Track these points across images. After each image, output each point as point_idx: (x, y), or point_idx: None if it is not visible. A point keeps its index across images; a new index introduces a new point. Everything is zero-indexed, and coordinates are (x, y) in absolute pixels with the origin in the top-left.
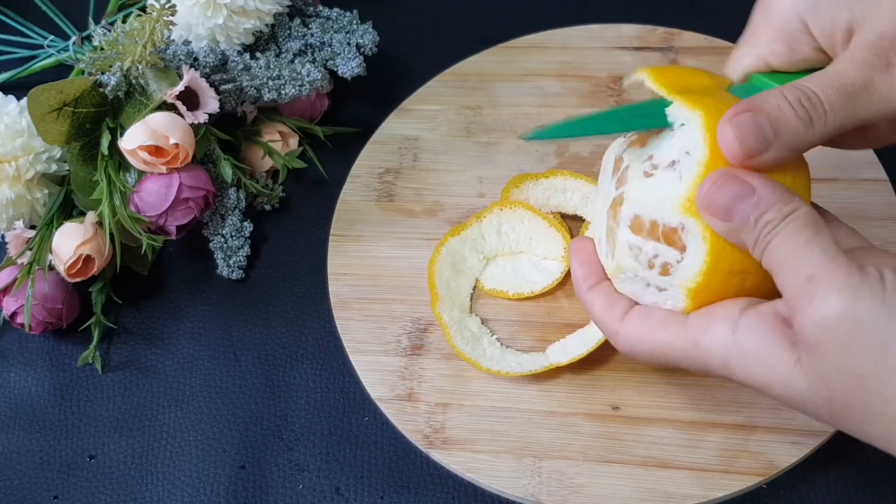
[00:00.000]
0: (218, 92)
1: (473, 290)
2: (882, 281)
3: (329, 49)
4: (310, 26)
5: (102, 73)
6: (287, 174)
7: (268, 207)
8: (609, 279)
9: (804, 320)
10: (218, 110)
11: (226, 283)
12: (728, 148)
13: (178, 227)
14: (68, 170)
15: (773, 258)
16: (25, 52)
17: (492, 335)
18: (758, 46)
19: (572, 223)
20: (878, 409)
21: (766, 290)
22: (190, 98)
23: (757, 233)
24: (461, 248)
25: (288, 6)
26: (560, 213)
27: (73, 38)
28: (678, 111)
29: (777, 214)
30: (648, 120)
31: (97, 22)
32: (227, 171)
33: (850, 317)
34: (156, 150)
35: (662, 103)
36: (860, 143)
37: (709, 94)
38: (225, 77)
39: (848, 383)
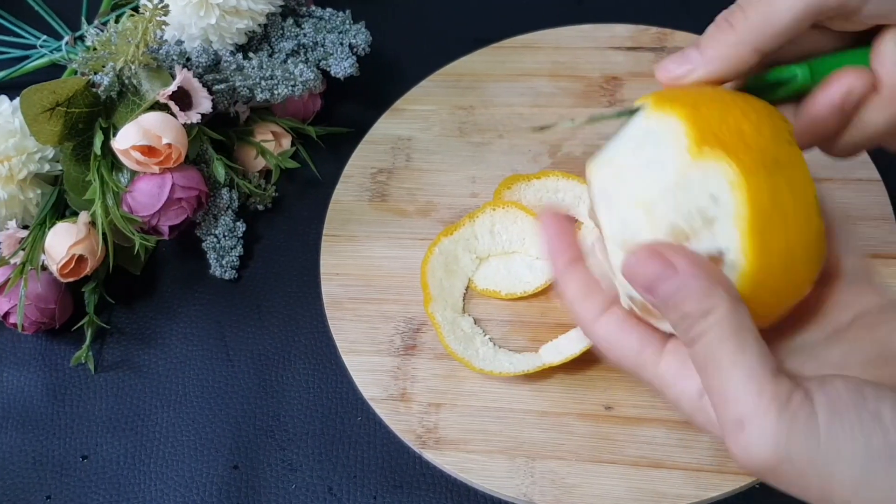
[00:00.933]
0: (211, 92)
1: (466, 290)
2: (814, 415)
3: (322, 49)
4: (302, 26)
5: (95, 73)
6: (280, 174)
7: (261, 207)
8: (584, 260)
9: (740, 461)
10: (211, 110)
11: (219, 283)
12: (661, 75)
13: (171, 227)
14: (61, 170)
15: (698, 363)
16: (18, 52)
17: (484, 335)
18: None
19: None
20: None
21: (776, 317)
22: (183, 98)
23: (679, 323)
24: (454, 248)
25: (281, 6)
26: None
27: (66, 38)
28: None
29: (696, 308)
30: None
31: (90, 22)
32: (220, 171)
33: (783, 459)
34: (148, 150)
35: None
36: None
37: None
38: (218, 77)
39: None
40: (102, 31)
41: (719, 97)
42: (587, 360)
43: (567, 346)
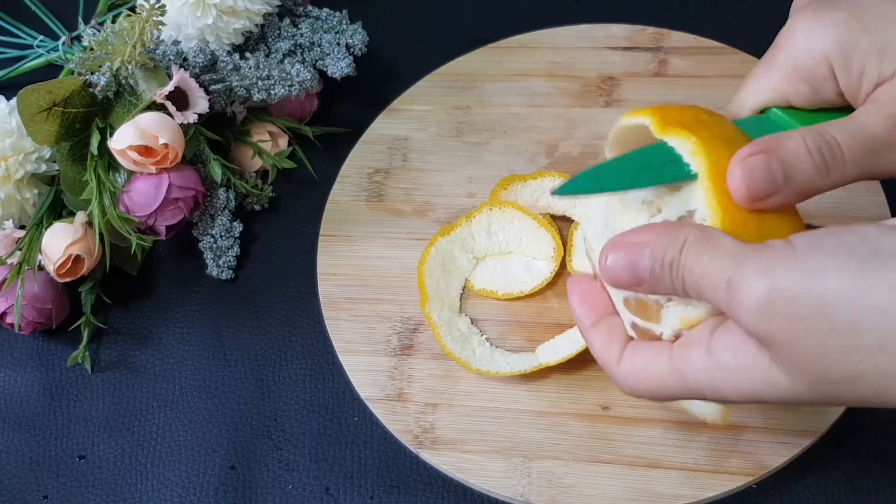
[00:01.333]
0: (207, 92)
1: (463, 290)
2: (791, 246)
3: (318, 49)
4: (299, 26)
5: (92, 73)
6: (277, 174)
7: (257, 207)
8: (608, 315)
9: (746, 322)
10: (207, 110)
11: (215, 283)
12: (734, 190)
13: (168, 227)
14: (58, 170)
15: (693, 290)
16: (15, 53)
17: (481, 335)
18: (777, 83)
19: (561, 223)
20: (855, 370)
21: None
22: (179, 98)
23: (669, 279)
24: (451, 248)
25: (277, 6)
26: (549, 213)
27: (63, 39)
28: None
29: (674, 251)
30: (674, 169)
31: (87, 22)
32: (217, 172)
33: (776, 295)
34: (145, 150)
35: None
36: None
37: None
38: (214, 77)
39: (817, 360)
40: (99, 31)
41: (689, 107)
42: (584, 361)
43: (564, 346)
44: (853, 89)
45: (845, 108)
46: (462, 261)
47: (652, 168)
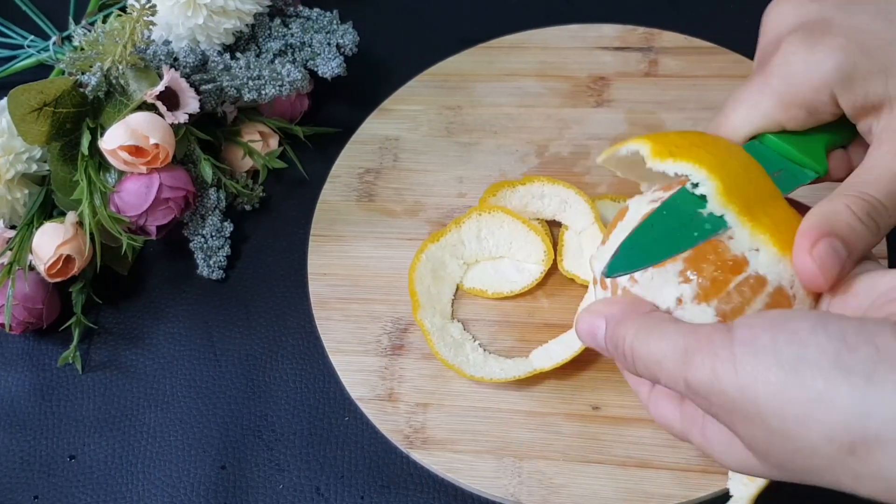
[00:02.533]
0: (198, 92)
1: (454, 296)
2: (730, 342)
3: (309, 49)
4: (290, 26)
5: (83, 73)
6: (267, 174)
7: (248, 207)
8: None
9: (713, 414)
10: (198, 110)
11: (206, 283)
12: (811, 281)
13: (159, 228)
14: (48, 170)
15: (646, 373)
16: (5, 53)
17: (474, 341)
18: (772, 111)
19: (551, 226)
20: (803, 465)
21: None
22: (170, 98)
23: (621, 356)
24: (441, 254)
25: (268, 6)
26: (538, 218)
27: (54, 39)
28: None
29: (623, 333)
30: (705, 225)
31: (77, 22)
32: (208, 172)
33: (725, 398)
34: (136, 150)
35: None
36: None
37: (756, 195)
38: (205, 77)
39: (771, 453)
40: (90, 31)
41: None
42: (575, 362)
43: (558, 352)
44: (857, 110)
45: (836, 123)
46: (452, 267)
47: (687, 223)
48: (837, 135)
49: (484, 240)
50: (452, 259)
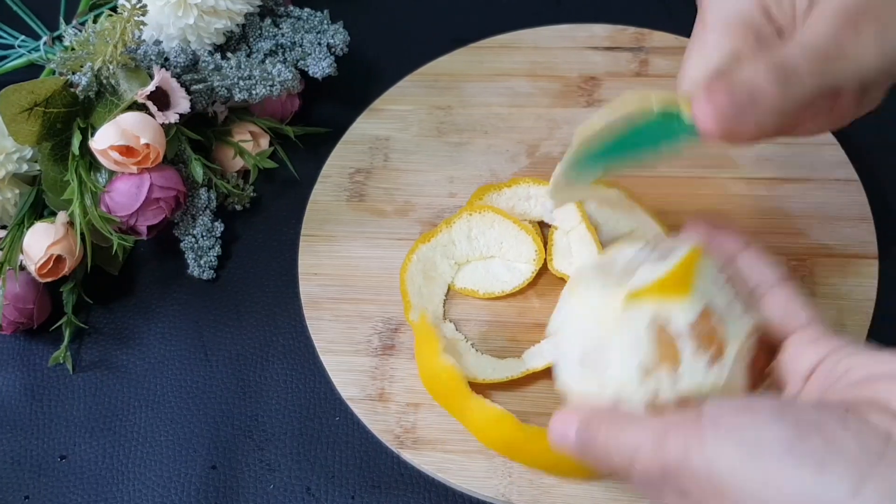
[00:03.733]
0: (189, 92)
1: (446, 297)
2: (699, 423)
3: (300, 49)
4: (280, 26)
5: (73, 73)
6: (258, 174)
7: (239, 207)
8: None
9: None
10: (189, 110)
11: (197, 283)
12: (703, 121)
13: (149, 227)
14: (39, 170)
15: (622, 463)
16: None
17: (466, 341)
18: (721, 42)
19: (542, 226)
20: None
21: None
22: (161, 98)
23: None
24: (432, 254)
25: (259, 6)
26: (526, 220)
27: (44, 39)
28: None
29: (593, 440)
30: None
31: (68, 22)
32: (198, 171)
33: (692, 472)
34: (126, 150)
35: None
36: (823, 121)
37: None
38: (196, 77)
39: None
40: (80, 31)
41: None
42: None
43: (550, 351)
44: (790, 17)
45: None
46: (444, 267)
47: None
48: None
49: (475, 240)
50: (443, 259)
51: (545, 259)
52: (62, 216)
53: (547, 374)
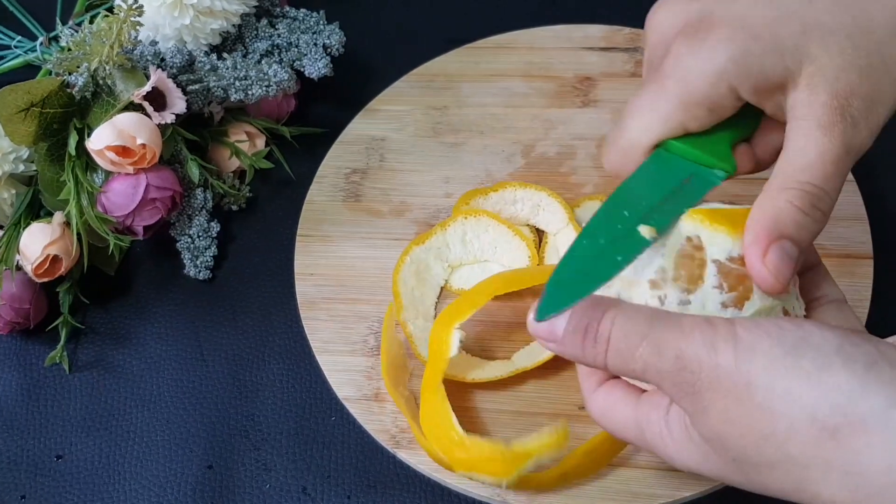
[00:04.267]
0: (185, 92)
1: (438, 299)
2: (732, 325)
3: (296, 49)
4: (277, 27)
5: (70, 74)
6: (254, 174)
7: (235, 208)
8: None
9: (690, 392)
10: (185, 111)
11: (193, 284)
12: (769, 287)
13: (146, 228)
14: (35, 170)
15: (623, 359)
16: None
17: (459, 342)
18: (672, 114)
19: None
20: (770, 455)
21: None
22: (157, 98)
23: (591, 345)
24: (426, 256)
25: (255, 7)
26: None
27: (41, 39)
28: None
29: (597, 315)
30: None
31: (64, 22)
32: (195, 172)
33: (716, 372)
34: (123, 151)
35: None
36: None
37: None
38: (192, 77)
39: (741, 437)
40: (77, 31)
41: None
42: (560, 362)
43: (540, 351)
44: (760, 94)
45: (737, 117)
46: (437, 269)
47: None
48: (739, 129)
49: (469, 243)
50: (437, 262)
51: (538, 264)
52: (59, 216)
53: (540, 374)
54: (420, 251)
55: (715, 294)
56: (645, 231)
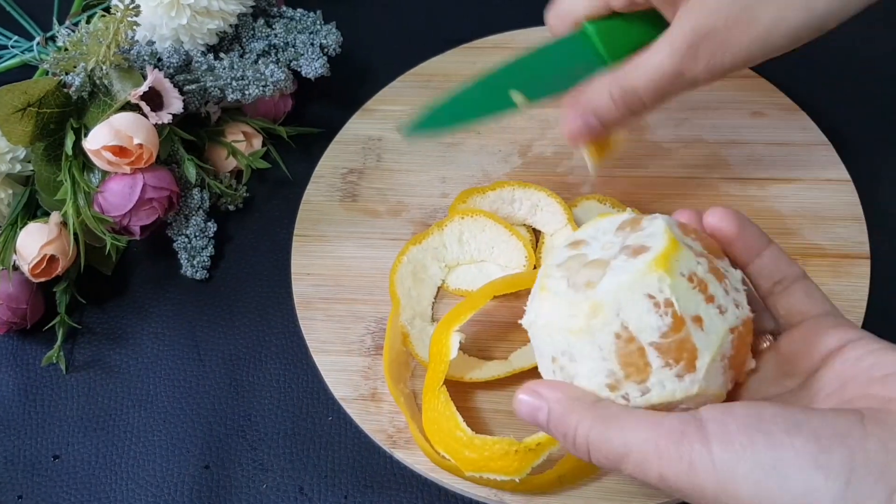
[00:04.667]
0: (182, 92)
1: (435, 299)
2: (709, 445)
3: (293, 49)
4: (273, 27)
5: (66, 74)
6: (251, 174)
7: (231, 208)
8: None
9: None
10: (182, 111)
11: (190, 283)
12: (566, 136)
13: (142, 228)
14: (32, 170)
15: (603, 463)
16: None
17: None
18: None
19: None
20: None
21: None
22: (154, 98)
23: (564, 441)
24: (422, 256)
25: (252, 7)
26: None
27: (38, 39)
28: None
29: (570, 425)
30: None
31: (61, 22)
32: (191, 172)
33: (698, 490)
34: (120, 151)
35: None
36: None
37: None
38: (189, 77)
39: None
40: (74, 31)
41: None
42: None
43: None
44: None
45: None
46: (433, 269)
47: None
48: (641, 36)
49: (466, 244)
50: (434, 262)
51: (534, 265)
52: (55, 216)
53: (535, 372)
54: (417, 251)
55: (667, 372)
56: (517, 97)
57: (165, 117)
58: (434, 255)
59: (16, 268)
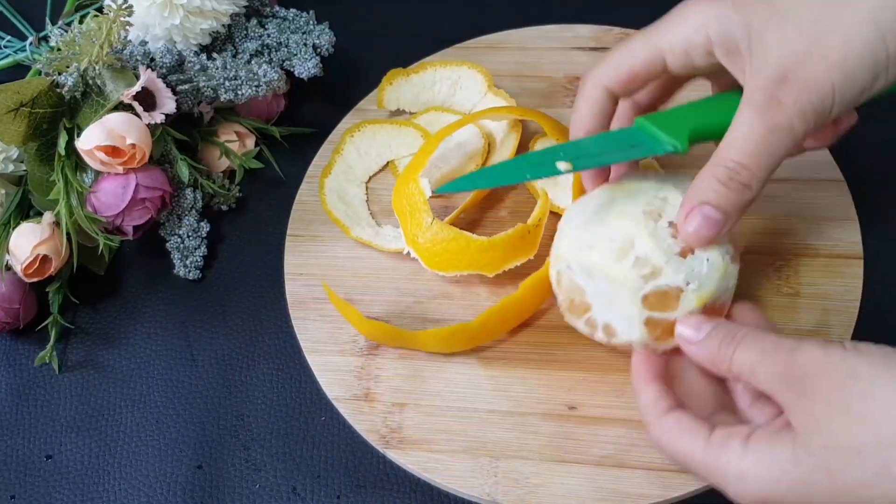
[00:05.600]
0: (175, 92)
1: (368, 207)
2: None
3: (286, 49)
4: (266, 27)
5: (59, 74)
6: (244, 174)
7: (224, 208)
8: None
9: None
10: (175, 111)
11: (182, 283)
12: (695, 241)
13: (135, 228)
14: (25, 170)
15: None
16: None
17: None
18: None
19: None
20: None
21: None
22: (147, 98)
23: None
24: (337, 183)
25: (244, 7)
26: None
27: (30, 39)
28: None
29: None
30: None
31: (54, 22)
32: (184, 172)
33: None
34: (112, 151)
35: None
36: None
37: None
38: (182, 77)
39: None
40: (66, 31)
41: None
42: (551, 360)
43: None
44: (722, 48)
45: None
46: (353, 189)
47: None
48: (700, 117)
49: (366, 154)
50: (350, 183)
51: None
52: (48, 216)
53: (527, 368)
54: (331, 181)
55: (671, 242)
56: (562, 165)
57: (158, 117)
58: (346, 177)
59: (8, 268)
